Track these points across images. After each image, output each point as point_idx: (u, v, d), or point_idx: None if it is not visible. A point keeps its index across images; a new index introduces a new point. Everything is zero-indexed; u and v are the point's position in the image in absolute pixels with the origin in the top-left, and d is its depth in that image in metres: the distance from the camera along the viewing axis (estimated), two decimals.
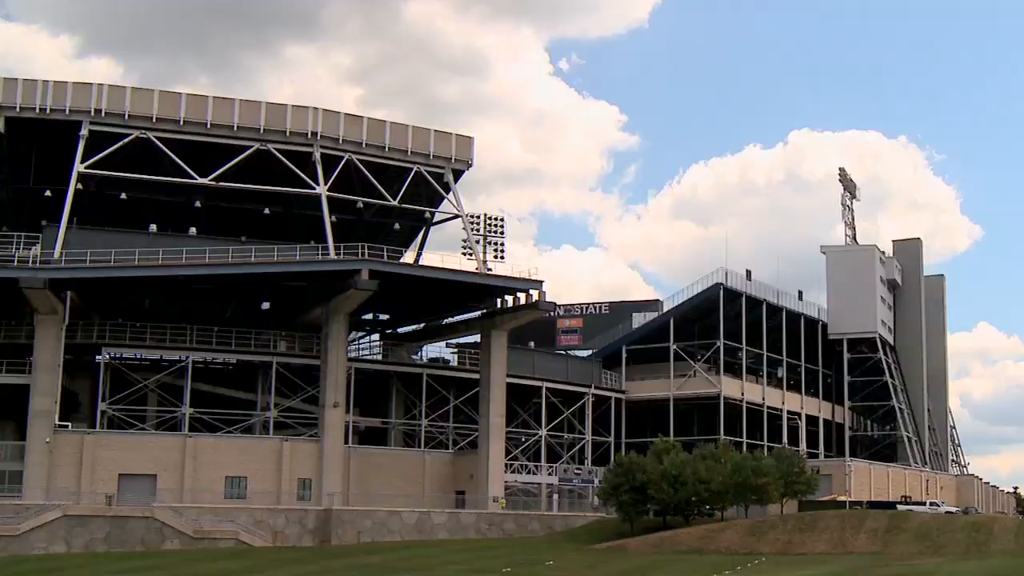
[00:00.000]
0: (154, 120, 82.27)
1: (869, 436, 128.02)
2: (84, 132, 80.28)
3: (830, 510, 79.35)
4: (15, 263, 74.36)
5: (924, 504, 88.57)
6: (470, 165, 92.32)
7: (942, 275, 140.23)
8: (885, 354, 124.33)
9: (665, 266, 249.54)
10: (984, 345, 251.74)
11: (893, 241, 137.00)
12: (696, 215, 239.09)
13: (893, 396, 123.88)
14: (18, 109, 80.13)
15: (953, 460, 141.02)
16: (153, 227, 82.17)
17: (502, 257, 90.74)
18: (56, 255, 75.16)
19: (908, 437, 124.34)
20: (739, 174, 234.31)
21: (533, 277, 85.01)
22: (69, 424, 77.80)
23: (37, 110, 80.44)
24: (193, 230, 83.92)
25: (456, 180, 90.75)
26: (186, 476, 77.44)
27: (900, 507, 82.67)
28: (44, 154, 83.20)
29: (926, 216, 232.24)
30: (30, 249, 75.60)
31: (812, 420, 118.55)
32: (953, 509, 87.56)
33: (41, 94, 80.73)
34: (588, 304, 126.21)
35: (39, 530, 68.45)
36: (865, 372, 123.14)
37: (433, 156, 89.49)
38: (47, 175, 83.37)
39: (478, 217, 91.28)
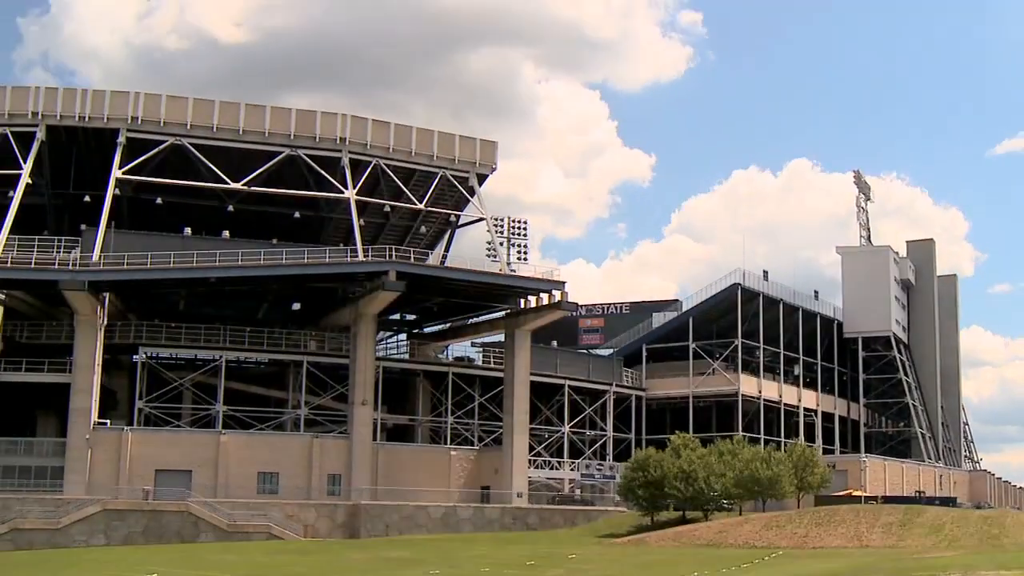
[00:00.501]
0: (188, 127, 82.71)
1: (884, 432, 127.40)
2: (121, 139, 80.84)
3: (845, 505, 78.96)
4: (56, 266, 74.67)
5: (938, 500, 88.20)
6: (494, 169, 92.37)
7: (954, 274, 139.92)
8: (899, 352, 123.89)
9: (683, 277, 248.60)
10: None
11: (907, 242, 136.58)
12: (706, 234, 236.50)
13: (907, 393, 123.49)
14: (58, 117, 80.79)
15: (966, 456, 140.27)
16: (188, 230, 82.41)
17: (525, 259, 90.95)
18: (95, 258, 75.50)
19: (922, 433, 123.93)
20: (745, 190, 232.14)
21: (556, 278, 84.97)
22: (108, 421, 78.00)
23: (76, 118, 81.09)
24: (226, 233, 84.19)
25: (480, 184, 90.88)
26: (220, 472, 77.62)
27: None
28: (83, 161, 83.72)
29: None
30: (70, 253, 75.84)
31: (828, 417, 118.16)
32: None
33: (80, 102, 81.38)
34: (609, 304, 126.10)
35: (80, 523, 68.83)
36: (879, 370, 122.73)
37: (458, 161, 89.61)
38: (86, 181, 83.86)
39: (502, 220, 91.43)
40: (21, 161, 79.20)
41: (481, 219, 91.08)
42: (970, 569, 40.19)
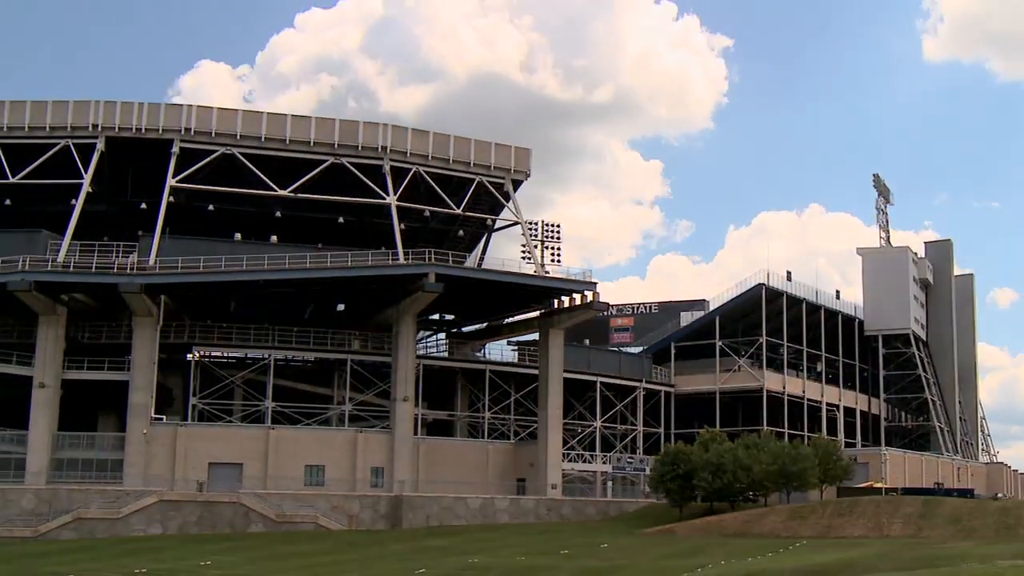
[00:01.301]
0: (238, 137, 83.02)
1: (903, 426, 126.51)
2: (175, 149, 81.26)
3: (867, 496, 78.66)
4: (115, 270, 75.54)
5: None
6: (528, 175, 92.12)
7: (971, 273, 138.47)
8: (918, 349, 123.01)
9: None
10: None
11: (925, 242, 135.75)
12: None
13: (926, 389, 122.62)
14: (116, 129, 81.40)
15: (983, 449, 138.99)
16: (238, 236, 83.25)
17: (559, 261, 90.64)
18: (151, 262, 76.28)
19: (940, 427, 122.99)
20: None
21: (588, 279, 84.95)
22: (164, 417, 78.65)
23: (133, 130, 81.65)
24: (274, 238, 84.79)
25: (515, 189, 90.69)
26: (269, 465, 78.07)
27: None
28: (139, 170, 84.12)
29: None
30: (128, 257, 76.60)
31: (850, 412, 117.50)
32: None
33: (136, 115, 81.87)
34: (639, 304, 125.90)
35: (138, 514, 69.68)
36: (899, 366, 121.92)
37: (494, 167, 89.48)
38: (142, 189, 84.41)
39: (536, 223, 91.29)
40: (82, 171, 79.96)
41: (516, 223, 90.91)
42: (987, 558, 39.96)
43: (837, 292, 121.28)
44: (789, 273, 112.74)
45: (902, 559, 45.24)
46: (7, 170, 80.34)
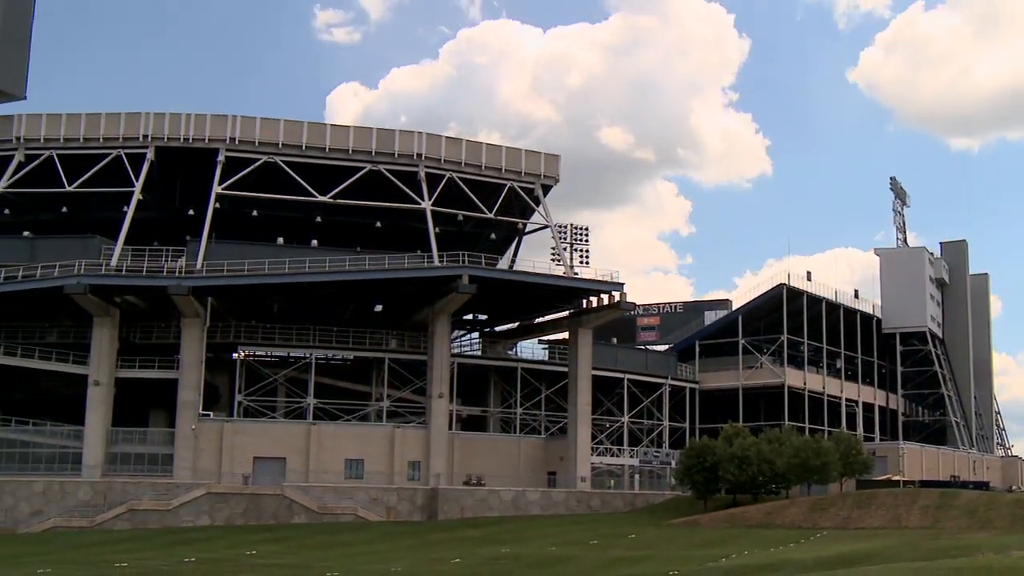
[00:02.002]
0: (280, 146, 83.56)
1: (920, 421, 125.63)
2: (221, 158, 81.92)
3: (885, 489, 78.19)
4: (164, 273, 76.25)
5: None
6: (557, 180, 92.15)
7: (986, 273, 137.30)
8: (934, 346, 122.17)
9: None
10: None
11: (940, 243, 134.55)
12: None
13: (942, 384, 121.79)
14: (166, 140, 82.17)
15: (998, 443, 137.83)
16: (280, 240, 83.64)
17: (587, 263, 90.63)
18: (198, 266, 76.91)
19: (956, 422, 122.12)
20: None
21: (615, 280, 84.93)
22: (211, 413, 79.19)
23: (181, 140, 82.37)
24: (315, 242, 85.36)
25: (545, 194, 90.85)
26: (311, 459, 78.47)
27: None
28: (187, 178, 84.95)
29: None
30: (176, 261, 77.29)
31: (868, 407, 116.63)
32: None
33: (184, 125, 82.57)
34: (664, 304, 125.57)
35: (187, 505, 70.27)
36: (916, 363, 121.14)
37: (524, 173, 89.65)
38: (190, 196, 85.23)
39: (566, 227, 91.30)
40: (133, 179, 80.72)
41: (546, 226, 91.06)
42: (1002, 549, 39.69)
43: (856, 291, 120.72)
44: (809, 273, 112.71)
45: (920, 550, 45.02)
46: (64, 179, 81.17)
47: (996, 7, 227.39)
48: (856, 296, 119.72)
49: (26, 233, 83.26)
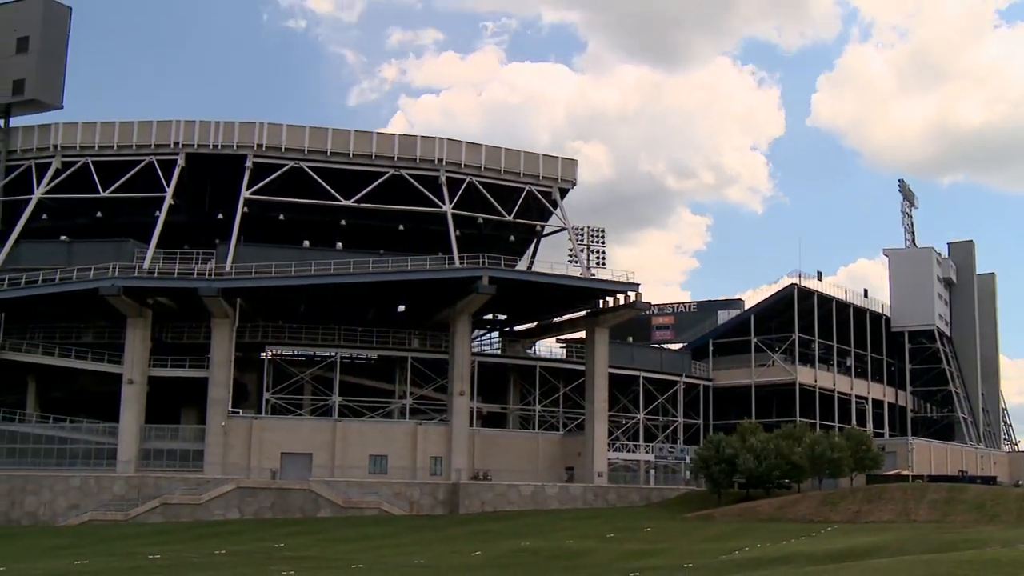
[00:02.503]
0: (305, 152, 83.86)
1: (929, 417, 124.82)
2: (248, 164, 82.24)
3: (895, 483, 77.98)
4: (195, 275, 76.68)
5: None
6: (574, 184, 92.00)
7: (993, 273, 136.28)
8: (942, 344, 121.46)
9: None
10: None
11: (948, 243, 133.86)
12: None
13: (950, 381, 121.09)
14: (196, 146, 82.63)
15: (1005, 439, 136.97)
16: (306, 243, 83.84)
17: (603, 264, 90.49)
18: (227, 268, 77.34)
19: (964, 418, 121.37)
20: None
21: (631, 281, 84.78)
22: (240, 411, 79.61)
23: (211, 147, 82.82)
24: (339, 245, 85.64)
25: (562, 198, 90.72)
26: (336, 454, 78.66)
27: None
28: (216, 183, 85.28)
29: None
30: (207, 264, 77.76)
31: (878, 403, 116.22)
32: None
33: (213, 133, 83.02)
34: (679, 304, 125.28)
35: (217, 499, 70.65)
36: (925, 360, 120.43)
37: (542, 177, 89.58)
38: (219, 201, 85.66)
39: (582, 229, 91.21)
40: (165, 185, 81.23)
41: (563, 229, 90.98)
42: (1010, 542, 39.52)
43: (865, 291, 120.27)
44: (820, 273, 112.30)
45: (929, 543, 44.87)
46: (98, 185, 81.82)
47: None
48: (865, 295, 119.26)
49: (63, 237, 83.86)
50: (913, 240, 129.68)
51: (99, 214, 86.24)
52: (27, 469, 73.26)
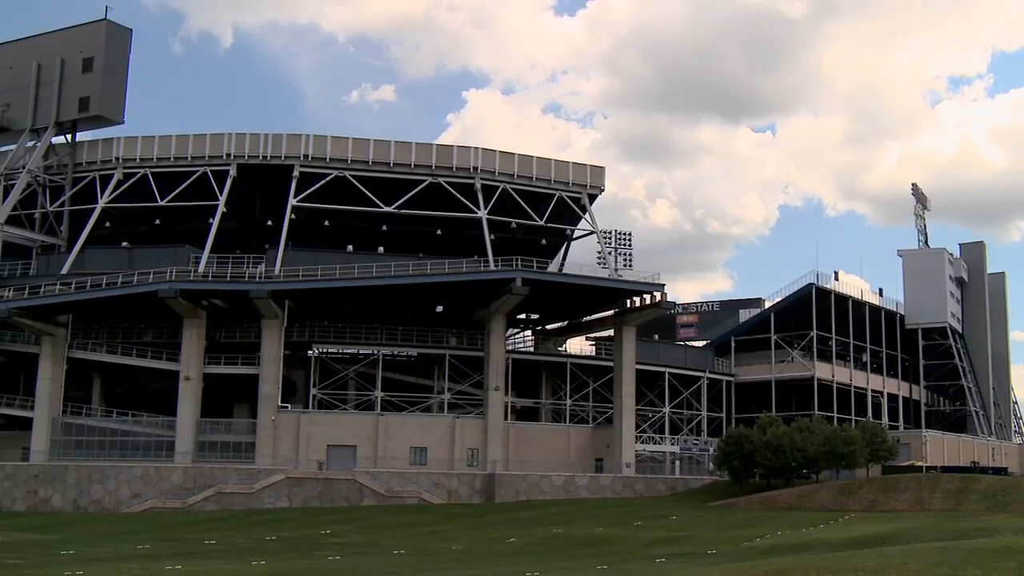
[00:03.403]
0: (349, 162, 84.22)
1: (942, 411, 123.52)
2: (296, 173, 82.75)
3: (909, 474, 77.14)
4: (246, 279, 77.15)
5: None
6: (602, 190, 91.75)
7: (1003, 272, 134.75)
8: (954, 341, 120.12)
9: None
10: None
11: (959, 244, 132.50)
12: None
13: (962, 376, 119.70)
14: (246, 157, 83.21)
15: (1016, 431, 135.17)
16: (350, 247, 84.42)
17: (630, 265, 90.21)
18: (277, 271, 77.70)
19: (976, 412, 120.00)
20: None
21: (657, 282, 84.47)
22: (288, 405, 80.00)
23: (260, 157, 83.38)
24: (381, 249, 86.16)
25: (591, 203, 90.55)
26: (379, 447, 78.92)
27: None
28: (265, 192, 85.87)
29: None
30: (257, 267, 78.23)
31: (892, 398, 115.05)
32: None
33: (263, 144, 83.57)
34: (702, 303, 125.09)
35: (267, 489, 70.99)
36: (937, 356, 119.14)
37: (572, 184, 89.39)
38: (268, 208, 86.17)
39: (610, 233, 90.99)
40: (218, 194, 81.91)
41: (592, 232, 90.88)
42: (1020, 530, 38.96)
43: (880, 290, 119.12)
44: (836, 273, 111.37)
45: (942, 531, 44.36)
46: (156, 195, 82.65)
47: None
48: (880, 294, 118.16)
49: (124, 244, 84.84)
50: (926, 241, 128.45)
51: (157, 221, 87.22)
52: (93, 460, 74.08)
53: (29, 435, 76.51)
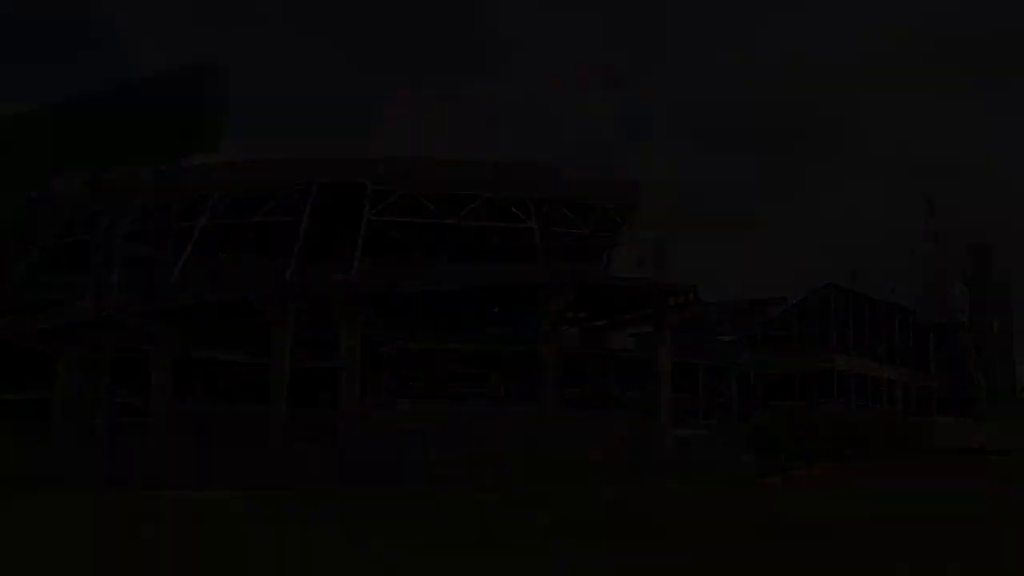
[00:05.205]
0: (416, 180, 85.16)
1: (953, 399, 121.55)
2: (369, 191, 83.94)
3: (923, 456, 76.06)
4: (328, 285, 78.29)
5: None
6: (638, 202, 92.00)
7: (1009, 270, 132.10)
8: (964, 335, 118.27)
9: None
10: None
11: (967, 244, 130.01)
12: None
13: (971, 369, 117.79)
14: (326, 179, 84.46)
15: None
16: (417, 256, 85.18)
17: (668, 268, 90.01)
18: (354, 278, 78.79)
19: (982, 401, 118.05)
20: None
21: (691, 283, 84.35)
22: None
23: (338, 178, 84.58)
24: (444, 257, 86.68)
25: (631, 212, 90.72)
26: None
27: None
28: (343, 208, 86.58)
29: None
30: (337, 275, 79.40)
31: (907, 387, 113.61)
32: None
33: (340, 167, 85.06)
34: (732, 301, 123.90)
35: None
36: (949, 350, 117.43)
37: (612, 195, 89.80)
38: (346, 222, 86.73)
39: (648, 240, 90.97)
40: (301, 211, 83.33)
41: (632, 240, 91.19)
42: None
43: (893, 288, 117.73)
44: (854, 273, 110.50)
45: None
46: (249, 212, 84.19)
47: None
48: (893, 292, 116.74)
49: (221, 255, 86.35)
50: (936, 239, 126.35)
51: (251, 236, 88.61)
52: None
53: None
